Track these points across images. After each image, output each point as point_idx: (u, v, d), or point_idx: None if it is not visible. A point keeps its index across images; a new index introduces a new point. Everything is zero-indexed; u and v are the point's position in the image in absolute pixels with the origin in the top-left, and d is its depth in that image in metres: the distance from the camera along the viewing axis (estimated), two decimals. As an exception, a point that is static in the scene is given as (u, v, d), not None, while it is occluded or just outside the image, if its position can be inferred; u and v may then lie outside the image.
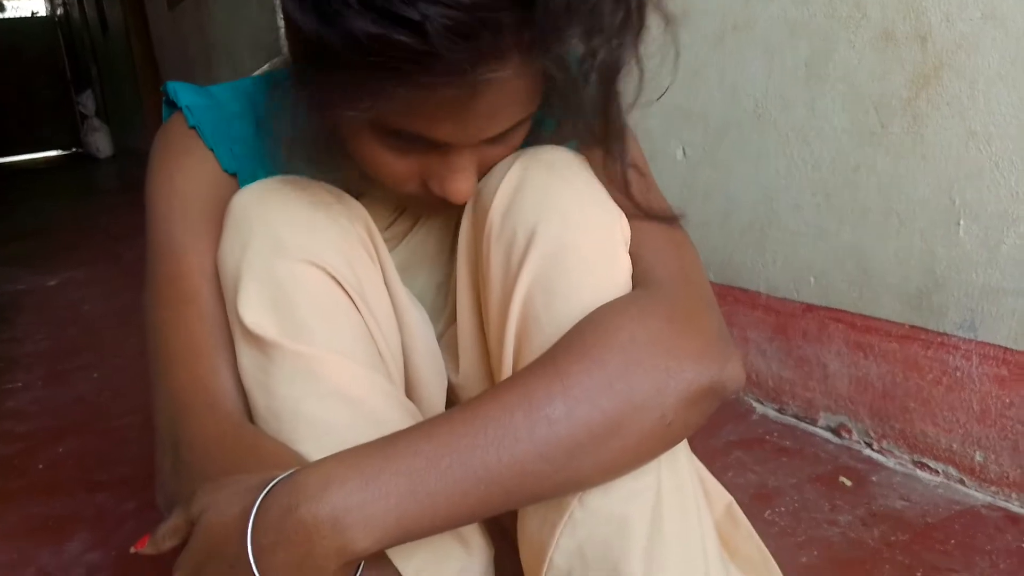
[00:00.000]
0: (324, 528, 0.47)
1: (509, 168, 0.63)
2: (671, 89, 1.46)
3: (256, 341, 0.60)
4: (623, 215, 0.63)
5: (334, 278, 0.62)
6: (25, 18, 10.71)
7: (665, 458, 0.59)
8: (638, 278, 0.62)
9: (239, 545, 0.48)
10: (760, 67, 1.31)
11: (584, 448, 0.52)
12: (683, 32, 1.41)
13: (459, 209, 0.69)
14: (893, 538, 1.06)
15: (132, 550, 0.54)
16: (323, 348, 0.60)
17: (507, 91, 0.55)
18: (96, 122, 9.02)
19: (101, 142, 8.94)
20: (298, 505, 0.48)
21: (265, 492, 0.49)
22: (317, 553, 0.48)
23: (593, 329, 0.56)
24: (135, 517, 1.30)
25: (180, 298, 0.64)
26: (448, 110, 0.54)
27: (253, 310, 0.60)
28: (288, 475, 0.50)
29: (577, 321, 0.58)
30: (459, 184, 0.61)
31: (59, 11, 10.57)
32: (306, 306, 0.60)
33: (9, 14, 10.64)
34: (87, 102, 9.11)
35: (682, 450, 0.63)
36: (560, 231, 0.60)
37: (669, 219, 0.67)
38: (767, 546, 0.80)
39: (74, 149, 9.93)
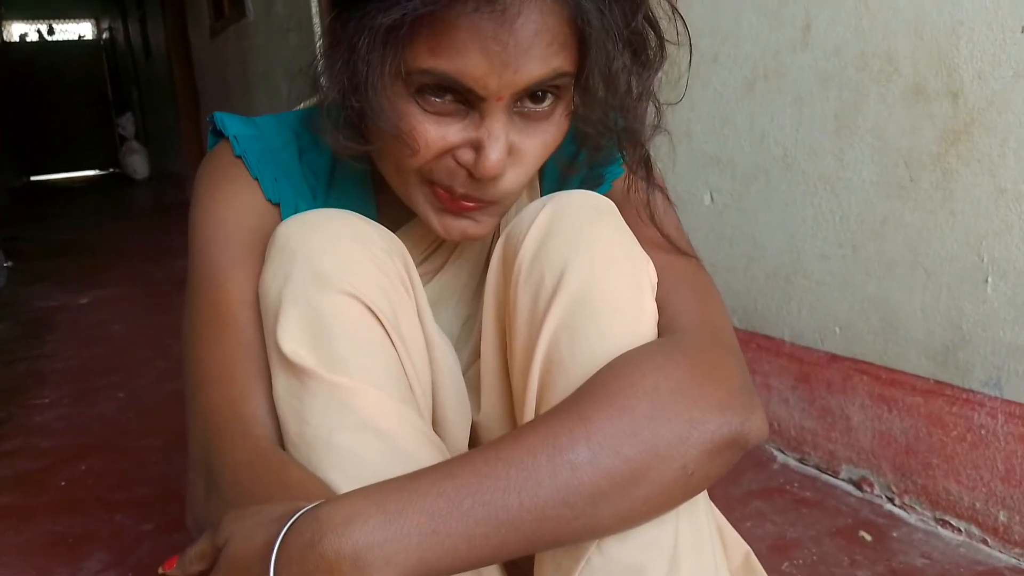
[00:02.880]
0: (345, 564, 0.47)
1: (539, 211, 0.64)
2: (700, 135, 1.47)
3: (293, 369, 0.61)
4: (650, 261, 0.64)
5: (372, 311, 0.63)
6: (72, 41, 11.00)
7: (684, 508, 0.59)
8: (664, 325, 0.62)
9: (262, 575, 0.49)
10: (790, 116, 1.32)
11: (606, 495, 0.52)
12: (713, 79, 1.43)
13: (487, 244, 0.69)
14: (912, 597, 1.04)
15: (160, 570, 0.55)
16: (357, 380, 0.61)
17: (534, 26, 0.56)
18: (135, 144, 9.21)
19: (138, 164, 9.11)
20: (320, 539, 0.48)
21: (289, 524, 0.49)
22: None
23: (617, 375, 0.56)
24: (151, 538, 1.31)
25: (218, 325, 0.65)
26: (477, 39, 0.55)
27: (292, 339, 0.61)
28: (312, 507, 0.50)
29: (601, 367, 0.58)
30: (491, 153, 0.61)
31: (104, 35, 10.85)
32: (343, 338, 0.61)
33: (57, 37, 10.92)
34: (127, 124, 9.31)
35: (701, 499, 0.63)
36: (588, 276, 0.60)
37: (691, 255, 0.68)
38: (783, 600, 0.79)
39: (112, 170, 10.13)
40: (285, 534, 0.49)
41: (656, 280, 0.64)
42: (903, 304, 1.20)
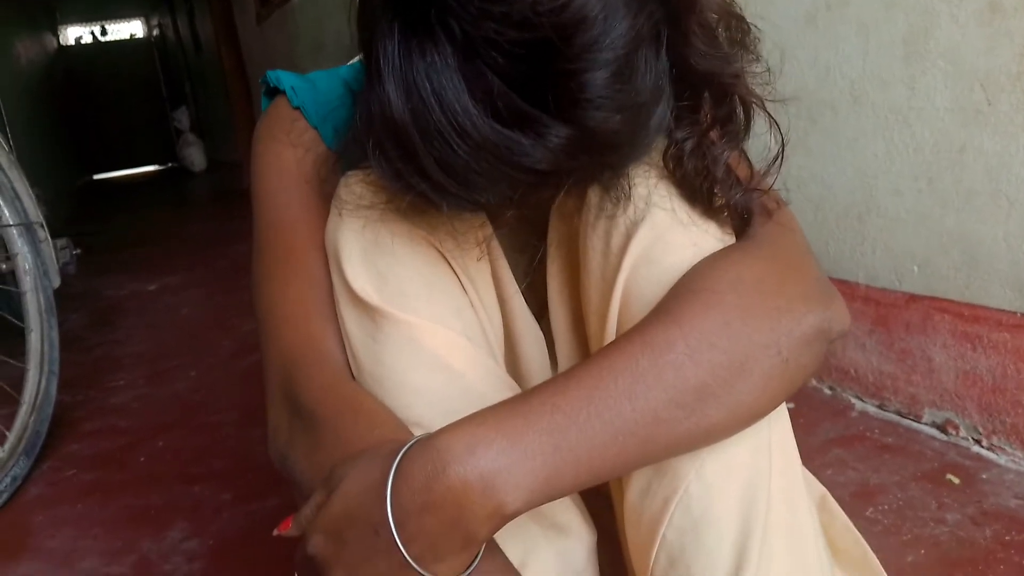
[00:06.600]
0: (474, 492, 0.47)
1: None
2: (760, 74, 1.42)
3: (365, 308, 0.61)
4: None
5: (440, 252, 0.63)
6: (124, 40, 11.22)
7: (776, 439, 0.58)
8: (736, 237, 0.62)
9: (383, 510, 0.48)
10: (855, 46, 1.26)
11: (712, 391, 0.52)
12: (773, 12, 1.37)
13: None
14: (1008, 538, 1.00)
15: (275, 532, 0.54)
16: (427, 319, 0.60)
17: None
18: (191, 137, 9.37)
19: (196, 156, 9.27)
20: (445, 468, 0.47)
21: (401, 455, 0.49)
22: (468, 517, 0.47)
23: (699, 275, 0.56)
24: (231, 507, 1.33)
25: (291, 268, 0.66)
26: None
27: (360, 277, 0.61)
28: (426, 438, 0.49)
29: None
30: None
31: (155, 32, 11.04)
32: (411, 277, 0.61)
33: (110, 37, 11.15)
34: (182, 118, 9.47)
35: (789, 435, 0.61)
36: (666, 216, 0.59)
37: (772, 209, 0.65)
38: (870, 544, 0.76)
39: (170, 164, 10.33)
40: (400, 466, 0.48)
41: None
42: (985, 236, 1.14)
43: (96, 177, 10.02)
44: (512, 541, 0.59)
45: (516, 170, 0.49)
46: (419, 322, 0.60)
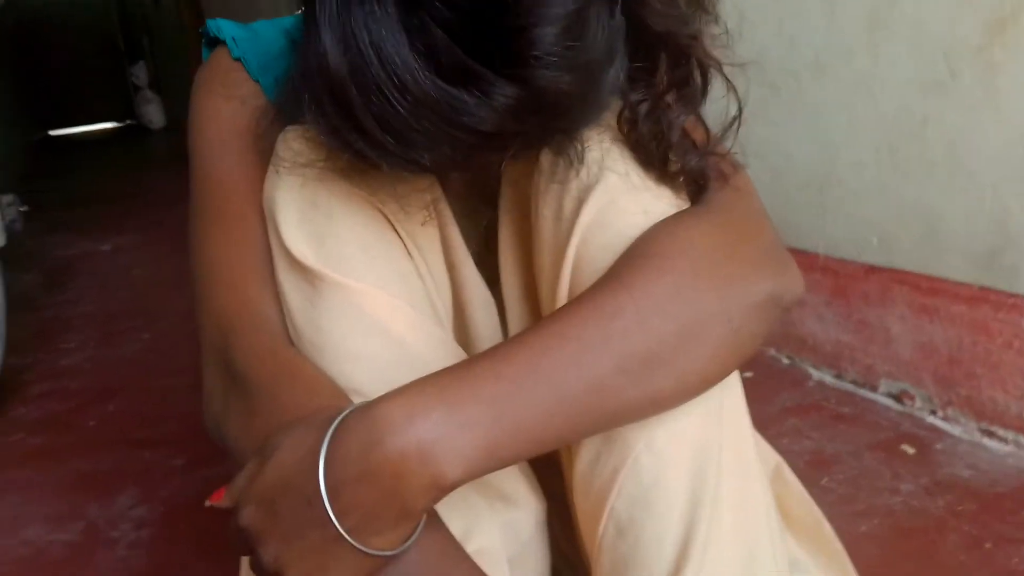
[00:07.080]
0: (412, 462, 0.45)
1: None
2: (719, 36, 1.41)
3: (303, 271, 0.58)
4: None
5: (382, 212, 0.60)
6: (79, -9, 10.85)
7: (727, 408, 0.58)
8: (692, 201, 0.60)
9: (316, 480, 0.46)
10: (820, 15, 1.25)
11: (660, 359, 0.51)
12: (740, -21, 1.35)
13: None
14: (960, 508, 1.01)
15: (207, 503, 0.52)
16: (368, 283, 0.58)
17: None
18: (149, 94, 9.11)
19: (154, 114, 9.03)
20: (382, 438, 0.45)
21: (336, 423, 0.47)
22: (404, 488, 0.46)
23: (652, 240, 0.55)
24: (181, 473, 1.31)
25: (228, 228, 0.63)
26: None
27: (297, 239, 0.58)
28: (363, 406, 0.48)
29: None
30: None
31: (112, -17, 10.68)
32: (350, 237, 0.59)
33: (65, -12, 10.78)
34: (140, 74, 9.19)
35: (741, 404, 0.60)
36: (622, 178, 0.57)
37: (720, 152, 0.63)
38: (824, 513, 0.76)
39: (127, 121, 10.06)
40: (335, 435, 0.46)
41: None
42: (945, 208, 1.14)
43: (52, 133, 9.74)
44: (455, 513, 0.58)
45: (458, 130, 0.46)
46: (359, 286, 0.58)
